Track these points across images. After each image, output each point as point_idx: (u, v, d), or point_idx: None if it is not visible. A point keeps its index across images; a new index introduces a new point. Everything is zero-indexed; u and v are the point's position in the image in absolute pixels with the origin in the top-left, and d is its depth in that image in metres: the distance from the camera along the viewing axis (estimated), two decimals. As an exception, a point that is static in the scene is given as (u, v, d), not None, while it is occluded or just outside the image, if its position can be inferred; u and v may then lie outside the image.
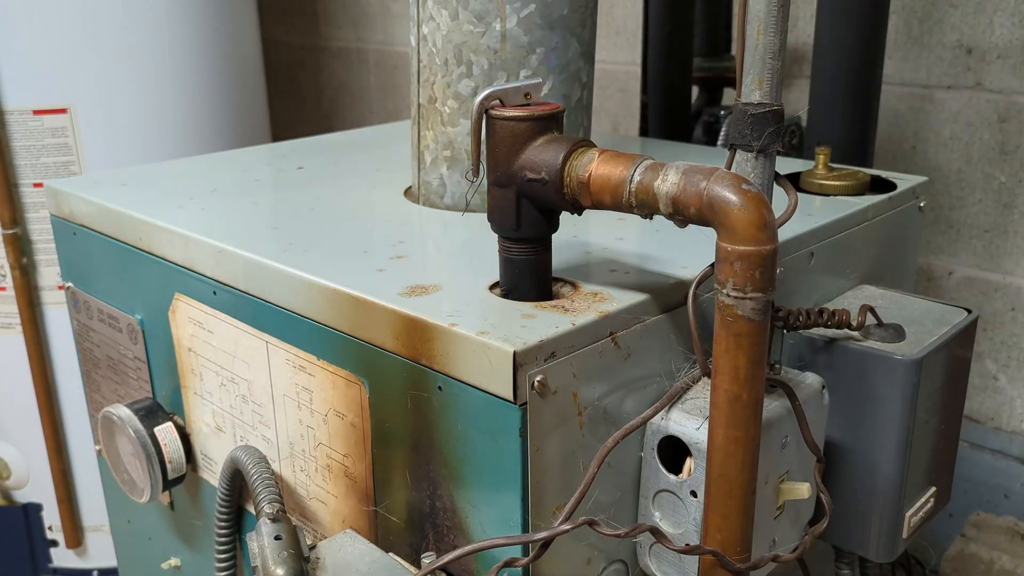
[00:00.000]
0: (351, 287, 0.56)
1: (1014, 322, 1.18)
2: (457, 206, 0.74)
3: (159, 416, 0.75)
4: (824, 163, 0.78)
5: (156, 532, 0.87)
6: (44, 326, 1.35)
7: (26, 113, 1.26)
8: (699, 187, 0.44)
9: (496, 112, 0.50)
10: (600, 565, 0.55)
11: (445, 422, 0.52)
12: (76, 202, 0.80)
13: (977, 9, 1.11)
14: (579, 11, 0.71)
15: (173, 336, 0.73)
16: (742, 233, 0.43)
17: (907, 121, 1.20)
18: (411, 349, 0.53)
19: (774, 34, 0.49)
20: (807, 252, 0.66)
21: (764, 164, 0.52)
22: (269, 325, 0.63)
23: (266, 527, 0.57)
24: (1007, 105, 1.12)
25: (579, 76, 0.73)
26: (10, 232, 1.29)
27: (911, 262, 0.82)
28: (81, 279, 0.84)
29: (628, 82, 1.49)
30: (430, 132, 0.74)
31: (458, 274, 0.59)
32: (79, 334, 0.87)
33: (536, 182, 0.49)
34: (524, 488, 0.49)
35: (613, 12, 1.48)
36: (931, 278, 1.23)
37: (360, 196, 0.79)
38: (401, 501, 0.57)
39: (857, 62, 0.96)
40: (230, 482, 0.68)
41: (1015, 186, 1.13)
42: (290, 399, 0.63)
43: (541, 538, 0.47)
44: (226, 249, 0.64)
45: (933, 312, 0.68)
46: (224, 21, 1.42)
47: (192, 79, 1.37)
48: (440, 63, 0.71)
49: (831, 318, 0.60)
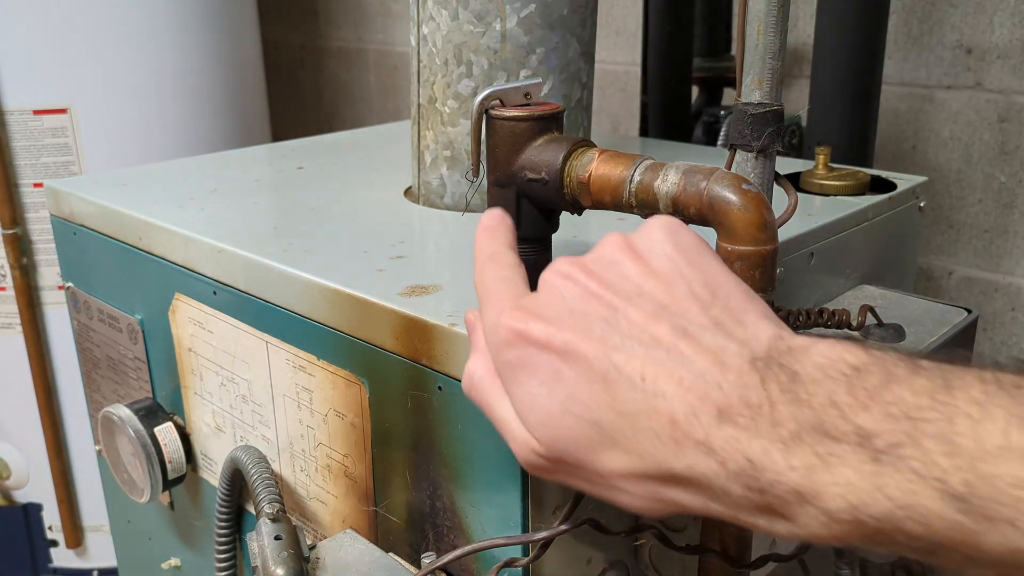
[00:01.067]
0: (351, 287, 0.56)
1: (1014, 322, 1.18)
2: (457, 206, 0.74)
3: (159, 416, 0.75)
4: (824, 163, 0.78)
5: (156, 532, 0.87)
6: (44, 326, 1.35)
7: (26, 113, 1.26)
8: (699, 187, 0.44)
9: (496, 112, 0.50)
10: (600, 565, 0.55)
11: (445, 422, 0.52)
12: (76, 202, 0.80)
13: (977, 9, 1.11)
14: (579, 11, 0.71)
15: (173, 336, 0.73)
16: (742, 233, 0.43)
17: (907, 121, 1.20)
18: (411, 349, 0.53)
19: (774, 34, 0.49)
20: (807, 252, 0.66)
21: (764, 164, 0.52)
22: (269, 325, 0.63)
23: (266, 527, 0.57)
24: (1007, 105, 1.12)
25: (579, 76, 0.73)
26: (10, 232, 1.29)
27: (911, 262, 0.82)
28: (81, 279, 0.84)
29: (628, 82, 1.49)
30: (430, 132, 0.74)
31: (458, 274, 0.59)
32: (79, 334, 0.87)
33: (536, 182, 0.49)
34: (524, 488, 0.49)
35: (613, 12, 1.48)
36: (931, 278, 1.23)
37: (360, 196, 0.79)
38: (401, 501, 0.57)
39: (857, 62, 0.96)
40: (230, 482, 0.68)
41: (1015, 186, 1.13)
42: (290, 399, 0.63)
43: (541, 538, 0.47)
44: (226, 249, 0.64)
45: (933, 312, 0.68)
46: (224, 21, 1.42)
47: (192, 79, 1.37)
48: (440, 63, 0.71)
49: (831, 318, 0.60)
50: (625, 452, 0.35)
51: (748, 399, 0.32)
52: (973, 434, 0.29)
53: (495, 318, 0.39)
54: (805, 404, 0.31)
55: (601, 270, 0.38)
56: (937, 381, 0.30)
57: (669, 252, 0.38)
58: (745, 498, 0.33)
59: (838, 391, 0.31)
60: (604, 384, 0.35)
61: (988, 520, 0.28)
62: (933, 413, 0.29)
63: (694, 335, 0.35)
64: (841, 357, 0.32)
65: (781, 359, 0.33)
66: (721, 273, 0.38)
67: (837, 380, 0.31)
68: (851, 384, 0.31)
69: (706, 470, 0.33)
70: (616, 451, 0.35)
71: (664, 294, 0.37)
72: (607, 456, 0.36)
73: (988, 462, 0.28)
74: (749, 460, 0.32)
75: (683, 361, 0.34)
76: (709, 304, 0.36)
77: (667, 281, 0.37)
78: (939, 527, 0.29)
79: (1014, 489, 0.28)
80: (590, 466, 0.37)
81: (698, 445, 0.33)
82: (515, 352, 0.38)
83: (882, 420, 0.30)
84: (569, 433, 0.36)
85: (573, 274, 0.38)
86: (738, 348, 0.34)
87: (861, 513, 0.30)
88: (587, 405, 0.36)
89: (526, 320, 0.38)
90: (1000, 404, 0.29)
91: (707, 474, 0.33)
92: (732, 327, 0.35)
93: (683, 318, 0.36)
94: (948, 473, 0.29)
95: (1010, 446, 0.28)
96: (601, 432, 0.35)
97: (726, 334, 0.35)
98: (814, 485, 0.31)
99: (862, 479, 0.30)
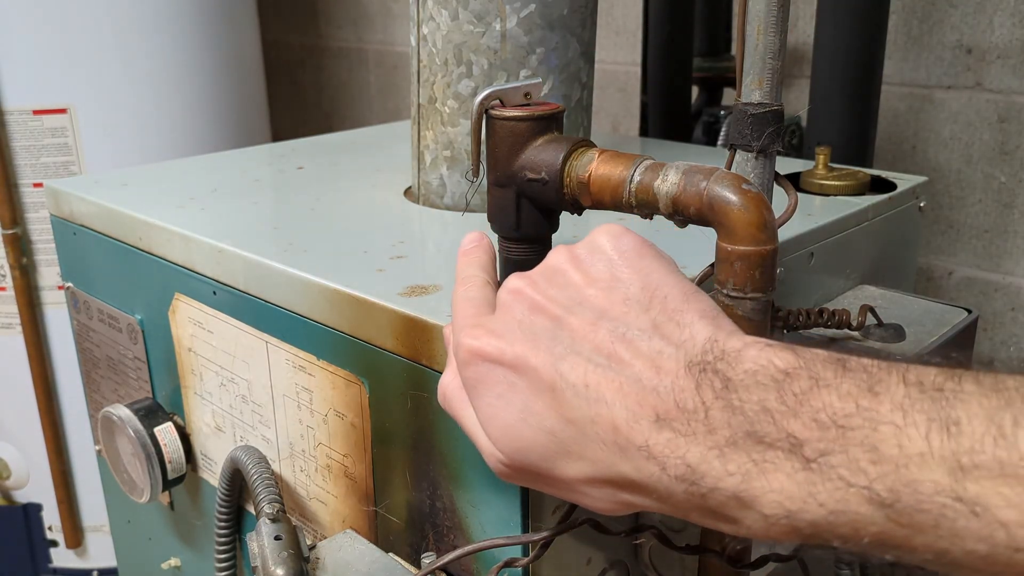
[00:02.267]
0: (351, 287, 0.56)
1: (1014, 322, 1.18)
2: (457, 206, 0.74)
3: (159, 416, 0.75)
4: (824, 163, 0.78)
5: (156, 532, 0.87)
6: (44, 326, 1.35)
7: (26, 113, 1.26)
8: (699, 187, 0.44)
9: (496, 112, 0.50)
10: (600, 565, 0.55)
11: (445, 422, 0.52)
12: (76, 202, 0.80)
13: (977, 9, 1.11)
14: (579, 11, 0.71)
15: (173, 336, 0.73)
16: (742, 233, 0.43)
17: (907, 121, 1.20)
18: (411, 349, 0.53)
19: (774, 34, 0.49)
20: (807, 252, 0.66)
21: (764, 164, 0.52)
22: (269, 325, 0.63)
23: (266, 527, 0.57)
24: (1007, 105, 1.12)
25: (579, 76, 0.73)
26: (10, 232, 1.29)
27: (911, 262, 0.82)
28: (81, 279, 0.84)
29: (628, 82, 1.49)
30: (430, 132, 0.74)
31: (458, 274, 0.59)
32: (79, 334, 0.87)
33: (536, 182, 0.49)
34: (524, 488, 0.49)
35: (613, 12, 1.48)
36: (931, 278, 1.23)
37: (360, 196, 0.79)
38: (401, 501, 0.57)
39: (857, 62, 0.96)
40: (230, 482, 0.68)
41: (1015, 186, 1.13)
42: (290, 399, 0.63)
43: (541, 538, 0.47)
44: (226, 249, 0.64)
45: (933, 312, 0.68)
46: (224, 21, 1.42)
47: (192, 79, 1.37)
48: (440, 63, 0.71)
49: (831, 318, 0.60)
50: (579, 459, 0.36)
51: (684, 404, 0.33)
52: (896, 440, 0.29)
53: (457, 337, 0.41)
54: (738, 411, 0.32)
55: (546, 282, 0.40)
56: (862, 385, 0.31)
57: (609, 257, 0.39)
58: (688, 501, 0.34)
59: (768, 398, 0.32)
60: (552, 393, 0.36)
61: (913, 526, 0.29)
62: (858, 420, 0.30)
63: (632, 340, 0.36)
64: (771, 361, 0.33)
65: (716, 364, 0.34)
66: (660, 272, 0.39)
67: (767, 386, 0.32)
68: (781, 389, 0.32)
69: (650, 474, 0.34)
70: (571, 458, 0.37)
71: (603, 300, 0.38)
72: (564, 463, 0.37)
73: (911, 469, 0.29)
74: (688, 465, 0.33)
75: (621, 367, 0.35)
76: (647, 306, 0.37)
77: (606, 287, 0.38)
78: (870, 531, 0.30)
79: (936, 496, 0.28)
80: (550, 473, 0.38)
81: (640, 450, 0.34)
82: (473, 369, 0.39)
83: (811, 427, 0.31)
84: (527, 443, 0.38)
85: (520, 288, 0.40)
86: (674, 351, 0.35)
87: (796, 519, 0.31)
88: (540, 415, 0.37)
89: (480, 337, 0.39)
90: (921, 409, 0.29)
91: (651, 478, 0.34)
92: (669, 329, 0.36)
93: (622, 323, 0.37)
94: (874, 480, 0.29)
95: (931, 452, 0.29)
96: (555, 440, 0.37)
97: (662, 336, 0.36)
98: (751, 491, 0.32)
99: (796, 486, 0.31)
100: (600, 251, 0.40)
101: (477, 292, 0.44)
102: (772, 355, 0.33)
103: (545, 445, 0.37)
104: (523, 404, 0.37)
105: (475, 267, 0.46)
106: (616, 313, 0.37)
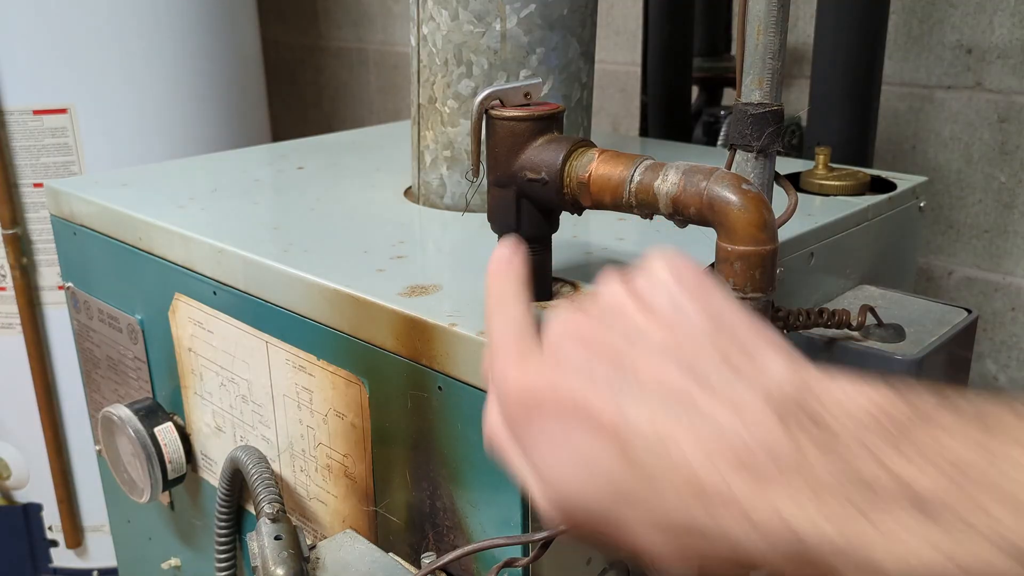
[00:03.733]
0: (351, 287, 0.56)
1: (1014, 322, 1.18)
2: (457, 206, 0.74)
3: (159, 416, 0.75)
4: (824, 163, 0.78)
5: (156, 532, 0.87)
6: (44, 326, 1.35)
7: (26, 113, 1.26)
8: (699, 187, 0.44)
9: (496, 112, 0.50)
10: (600, 565, 0.55)
11: (445, 422, 0.52)
12: (76, 202, 0.80)
13: (977, 9, 1.11)
14: (579, 11, 0.71)
15: (173, 336, 0.73)
16: (742, 233, 0.43)
17: (907, 121, 1.20)
18: (411, 349, 0.53)
19: (774, 34, 0.49)
20: (807, 252, 0.66)
21: (764, 164, 0.52)
22: (269, 325, 0.63)
23: (266, 527, 0.57)
24: (1007, 105, 1.12)
25: (579, 76, 0.73)
26: (10, 232, 1.29)
27: (911, 262, 0.82)
28: (81, 279, 0.84)
29: (628, 82, 1.49)
30: (430, 132, 0.74)
31: (458, 274, 0.59)
32: (79, 334, 0.87)
33: (536, 182, 0.49)
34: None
35: (613, 12, 1.48)
36: (931, 278, 1.23)
37: (360, 196, 0.79)
38: (401, 501, 0.57)
39: (857, 62, 0.96)
40: (230, 482, 0.68)
41: (1015, 186, 1.13)
42: (290, 399, 0.63)
43: (541, 538, 0.47)
44: (226, 249, 0.64)
45: (933, 312, 0.68)
46: (224, 21, 1.42)
47: (192, 79, 1.37)
48: (440, 63, 0.71)
49: (831, 318, 0.60)
50: (646, 509, 0.33)
51: (771, 449, 0.30)
52: None
53: (502, 370, 0.37)
54: (837, 453, 0.28)
55: (604, 318, 0.36)
56: (973, 422, 0.27)
57: (670, 289, 0.36)
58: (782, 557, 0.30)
59: (870, 437, 0.28)
60: (616, 438, 0.33)
61: None
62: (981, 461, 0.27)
63: (703, 377, 0.33)
64: (869, 398, 0.29)
65: (803, 401, 0.30)
66: (722, 300, 0.36)
67: (868, 426, 0.29)
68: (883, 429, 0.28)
69: (728, 523, 0.30)
70: (637, 507, 0.33)
71: (668, 335, 0.34)
72: (628, 512, 0.33)
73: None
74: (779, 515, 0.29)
75: (695, 408, 0.32)
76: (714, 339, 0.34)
77: (670, 321, 0.35)
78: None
79: None
80: (613, 523, 0.34)
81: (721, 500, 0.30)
82: (522, 409, 0.36)
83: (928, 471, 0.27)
84: (585, 490, 0.34)
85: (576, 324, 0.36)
86: (750, 387, 0.32)
87: None
88: (601, 461, 0.33)
89: (528, 371, 0.36)
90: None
91: (735, 531, 0.30)
92: (742, 363, 0.33)
93: (691, 358, 0.33)
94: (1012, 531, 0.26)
95: None
96: (617, 488, 0.33)
97: (734, 370, 0.33)
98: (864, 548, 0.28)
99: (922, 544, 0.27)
100: (660, 282, 0.36)
101: (520, 315, 0.40)
102: (868, 390, 0.30)
103: (605, 492, 0.33)
104: (582, 450, 0.34)
105: (509, 288, 0.41)
106: (683, 349, 0.34)
